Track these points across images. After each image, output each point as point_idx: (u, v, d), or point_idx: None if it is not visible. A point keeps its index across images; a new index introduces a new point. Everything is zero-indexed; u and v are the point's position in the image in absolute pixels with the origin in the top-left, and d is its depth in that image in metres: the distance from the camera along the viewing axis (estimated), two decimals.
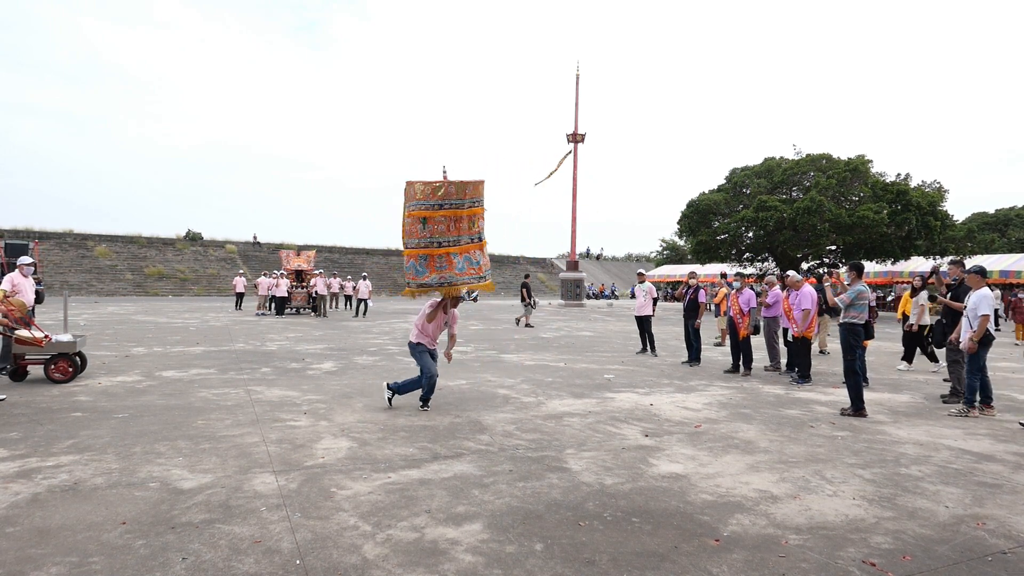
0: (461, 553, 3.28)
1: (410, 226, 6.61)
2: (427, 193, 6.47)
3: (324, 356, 11.34)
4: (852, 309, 7.16)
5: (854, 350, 7.05)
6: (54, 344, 8.10)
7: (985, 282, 7.18)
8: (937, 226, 26.97)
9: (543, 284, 59.09)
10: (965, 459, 5.22)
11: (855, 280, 7.37)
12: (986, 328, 6.82)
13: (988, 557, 3.34)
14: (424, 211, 6.49)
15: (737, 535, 3.57)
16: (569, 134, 38.51)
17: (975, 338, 6.82)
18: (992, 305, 6.93)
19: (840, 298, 7.25)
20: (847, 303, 7.17)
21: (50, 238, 42.36)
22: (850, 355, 7.02)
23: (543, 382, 8.84)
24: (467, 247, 6.60)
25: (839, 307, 7.26)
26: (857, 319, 7.16)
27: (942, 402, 7.79)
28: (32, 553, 3.18)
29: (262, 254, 49.22)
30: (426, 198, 6.48)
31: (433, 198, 6.46)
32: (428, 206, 6.48)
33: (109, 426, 5.85)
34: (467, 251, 6.61)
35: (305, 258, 25.61)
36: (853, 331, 7.13)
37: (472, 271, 6.63)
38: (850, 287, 7.31)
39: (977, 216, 49.19)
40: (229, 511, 3.79)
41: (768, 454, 5.28)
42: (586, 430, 6.04)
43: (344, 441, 5.47)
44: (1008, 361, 12.38)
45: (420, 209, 6.51)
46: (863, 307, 7.19)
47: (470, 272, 6.62)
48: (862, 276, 7.44)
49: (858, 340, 7.16)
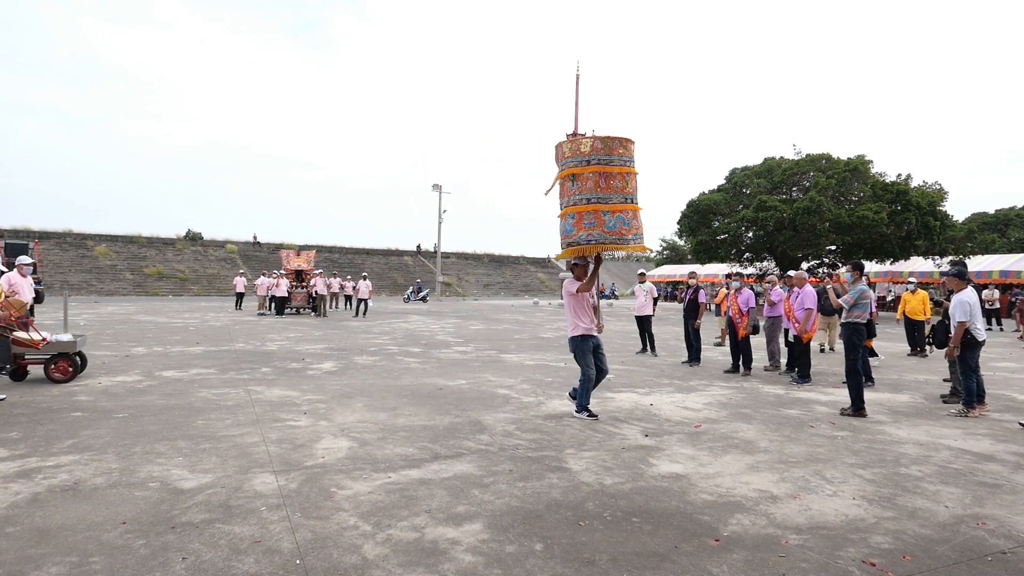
0: (461, 553, 3.28)
1: (561, 186, 6.39)
2: (575, 150, 6.21)
3: (324, 356, 11.34)
4: (855, 309, 7.16)
5: (857, 349, 7.06)
6: (54, 344, 8.10)
7: (966, 284, 7.07)
8: (937, 226, 26.97)
9: (543, 284, 59.09)
10: (965, 459, 5.22)
11: (857, 280, 7.37)
12: (964, 334, 6.80)
13: (988, 557, 3.34)
14: (572, 168, 6.21)
15: (737, 535, 3.57)
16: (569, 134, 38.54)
17: (952, 344, 6.85)
18: (968, 312, 6.80)
19: (843, 299, 7.24)
20: (851, 303, 7.17)
21: (50, 238, 42.38)
22: (853, 354, 7.02)
23: (543, 382, 8.84)
24: (619, 206, 6.14)
25: (843, 308, 7.25)
26: (860, 318, 7.17)
27: (942, 402, 7.79)
28: (32, 553, 3.18)
29: (262, 254, 49.22)
30: (574, 155, 6.21)
31: (580, 154, 6.17)
32: (576, 163, 6.19)
33: (109, 426, 5.85)
34: (619, 211, 6.14)
35: (305, 258, 25.59)
36: (856, 330, 7.14)
37: (624, 230, 6.14)
38: (852, 287, 7.31)
39: (977, 216, 49.18)
40: (229, 511, 3.79)
41: (768, 454, 5.28)
42: (586, 430, 6.04)
43: (344, 441, 5.47)
44: (1008, 361, 12.38)
45: (569, 167, 6.24)
46: (866, 306, 7.19)
47: (622, 231, 6.13)
48: (863, 275, 7.46)
49: (861, 339, 7.17)
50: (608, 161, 6.14)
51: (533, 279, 60.19)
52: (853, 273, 7.45)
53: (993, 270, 29.50)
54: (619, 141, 6.21)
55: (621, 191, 6.17)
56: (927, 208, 27.10)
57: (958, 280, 7.08)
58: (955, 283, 7.09)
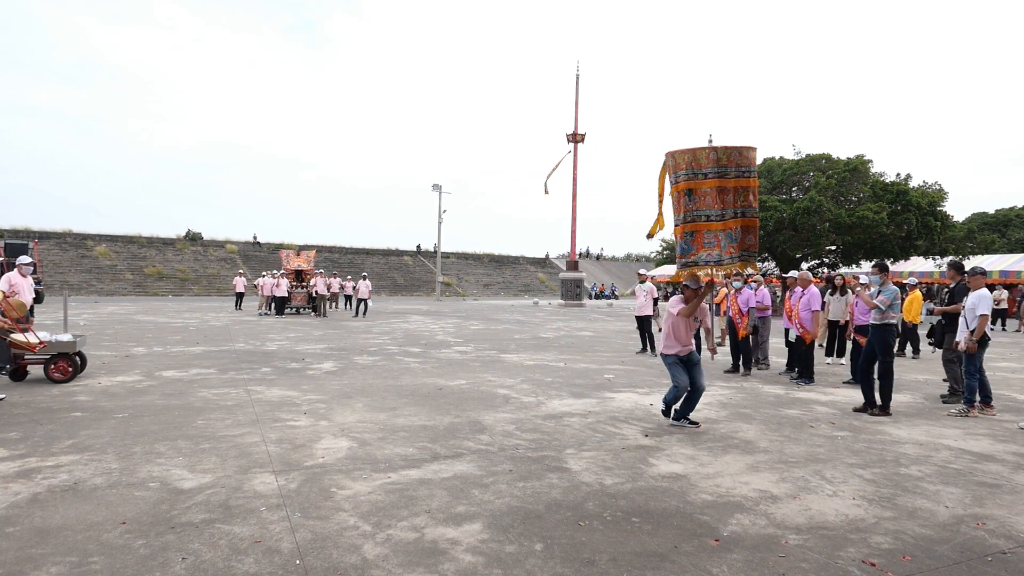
0: (461, 553, 3.28)
1: (676, 200, 6.10)
2: (690, 161, 5.93)
3: (324, 356, 11.34)
4: (890, 310, 7.03)
5: (891, 350, 6.99)
6: (54, 344, 8.10)
7: (984, 282, 7.17)
8: (937, 226, 26.98)
9: (543, 284, 59.11)
10: (965, 459, 5.23)
11: (885, 281, 7.20)
12: (985, 328, 6.83)
13: (988, 557, 3.34)
14: (688, 182, 5.96)
15: (737, 535, 3.57)
16: (569, 134, 38.54)
17: (975, 337, 6.82)
18: (991, 305, 6.93)
19: (879, 300, 7.03)
20: (887, 304, 6.98)
21: (50, 238, 42.37)
22: (888, 356, 6.94)
23: (543, 382, 8.85)
24: (731, 222, 5.90)
25: (880, 309, 7.05)
26: (893, 320, 7.06)
27: (942, 402, 7.79)
28: (32, 553, 3.18)
29: (262, 254, 49.23)
30: (689, 167, 5.94)
31: (696, 166, 5.90)
32: (692, 175, 5.93)
33: (109, 426, 5.85)
34: (729, 227, 5.91)
35: (305, 258, 25.60)
36: (890, 332, 7.02)
37: (732, 249, 5.92)
38: (882, 288, 7.11)
39: (977, 216, 49.19)
40: (229, 511, 3.79)
41: (768, 454, 5.28)
42: (586, 430, 6.04)
43: (344, 441, 5.47)
44: (1008, 361, 12.38)
45: (685, 180, 5.97)
46: (898, 307, 7.11)
47: (730, 250, 5.92)
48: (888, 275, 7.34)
49: (895, 340, 7.12)
50: (723, 173, 5.91)
51: (533, 279, 60.21)
52: (881, 275, 7.23)
53: (993, 270, 29.49)
54: (738, 151, 5.94)
55: (734, 205, 5.94)
56: (927, 208, 27.10)
57: (980, 278, 7.09)
58: (975, 281, 7.09)
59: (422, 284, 52.28)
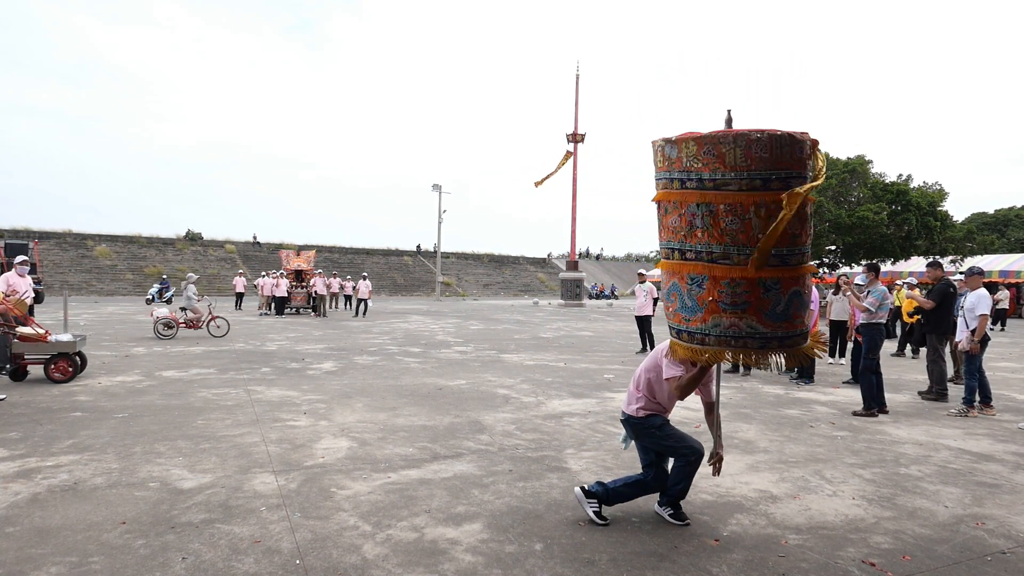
0: (461, 553, 3.29)
1: (670, 212, 3.25)
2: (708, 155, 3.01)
3: (324, 356, 11.34)
4: (879, 310, 7.22)
5: (878, 349, 7.13)
6: (54, 344, 8.11)
7: (982, 282, 7.25)
8: (937, 226, 27.00)
9: (543, 284, 59.10)
10: (964, 459, 5.23)
11: (873, 281, 7.41)
12: (986, 328, 6.86)
13: (988, 557, 3.34)
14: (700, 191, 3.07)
15: (737, 535, 3.57)
16: (569, 134, 38.52)
17: (976, 337, 6.85)
18: (990, 305, 6.99)
19: (867, 302, 7.25)
20: (876, 305, 7.19)
21: (50, 238, 42.35)
22: (873, 354, 7.06)
23: (543, 382, 8.84)
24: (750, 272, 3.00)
25: (869, 311, 7.23)
26: (881, 319, 7.23)
27: (920, 398, 7.96)
28: (32, 553, 3.18)
29: (262, 254, 49.21)
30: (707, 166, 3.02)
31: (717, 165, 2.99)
32: (705, 180, 3.04)
33: (109, 426, 5.85)
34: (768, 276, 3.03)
35: (305, 258, 25.59)
36: (878, 331, 7.20)
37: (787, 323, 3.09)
38: (869, 288, 7.35)
39: (977, 216, 49.22)
40: (229, 511, 3.79)
41: (768, 454, 5.28)
42: (586, 430, 6.04)
43: (344, 441, 5.47)
44: (1008, 361, 12.38)
45: (693, 185, 3.10)
46: (887, 307, 7.28)
47: None
48: (879, 276, 7.49)
49: (882, 339, 7.24)
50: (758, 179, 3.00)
51: (533, 279, 60.18)
52: (868, 275, 7.50)
53: (993, 270, 29.49)
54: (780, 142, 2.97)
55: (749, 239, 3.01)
56: (927, 208, 27.11)
57: (977, 278, 7.17)
58: (973, 281, 7.18)
59: (422, 284, 52.25)
